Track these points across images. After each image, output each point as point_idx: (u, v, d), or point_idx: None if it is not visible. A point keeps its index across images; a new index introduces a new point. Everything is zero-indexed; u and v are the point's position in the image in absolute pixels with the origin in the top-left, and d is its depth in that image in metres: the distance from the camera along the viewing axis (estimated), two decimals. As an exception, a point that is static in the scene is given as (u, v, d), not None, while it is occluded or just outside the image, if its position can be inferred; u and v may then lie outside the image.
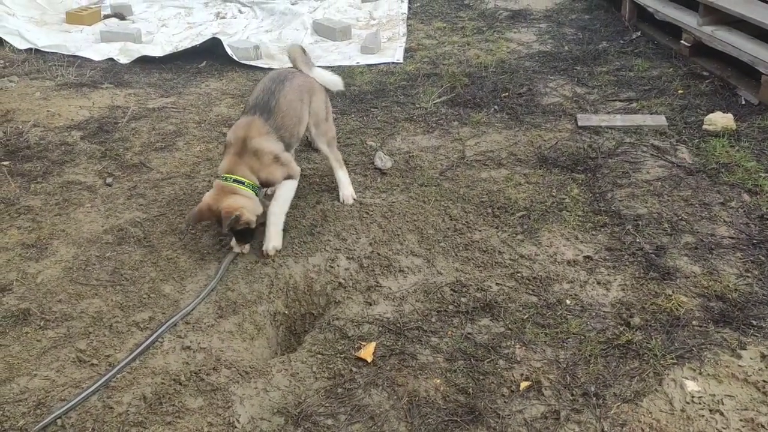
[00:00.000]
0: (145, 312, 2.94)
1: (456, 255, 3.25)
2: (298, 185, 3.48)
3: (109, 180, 4.03)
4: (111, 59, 6.20)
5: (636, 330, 2.67)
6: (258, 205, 3.26)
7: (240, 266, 3.24)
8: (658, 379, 2.43)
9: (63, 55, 6.23)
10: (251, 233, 3.27)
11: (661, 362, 2.50)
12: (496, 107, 4.78)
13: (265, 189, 3.39)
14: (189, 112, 5.04)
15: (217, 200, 3.15)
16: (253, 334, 2.93)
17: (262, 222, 3.31)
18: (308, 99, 3.55)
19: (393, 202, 3.69)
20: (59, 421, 2.39)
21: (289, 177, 3.38)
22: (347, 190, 3.71)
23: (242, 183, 3.21)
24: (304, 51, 3.78)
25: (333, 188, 3.76)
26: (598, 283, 2.97)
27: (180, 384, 2.55)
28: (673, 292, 2.86)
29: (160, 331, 2.78)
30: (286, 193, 3.40)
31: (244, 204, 3.16)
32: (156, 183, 4.01)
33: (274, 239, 3.30)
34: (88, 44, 6.55)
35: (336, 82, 3.81)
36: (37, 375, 2.60)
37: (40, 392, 2.52)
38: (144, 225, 3.58)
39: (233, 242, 3.30)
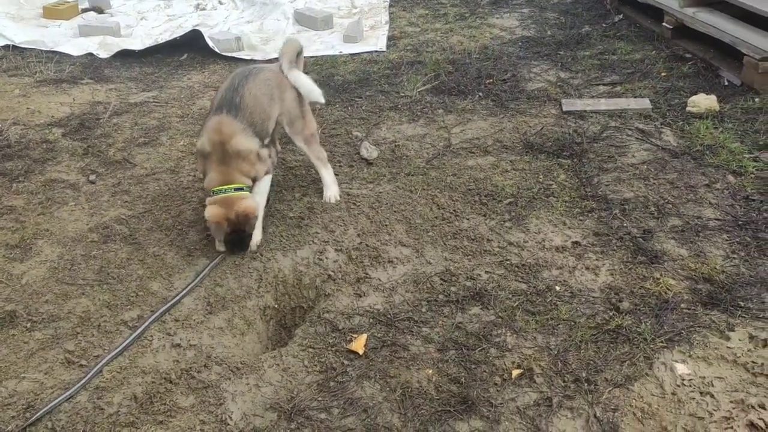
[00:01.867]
0: (134, 310, 2.91)
1: (444, 244, 3.25)
2: (286, 177, 3.45)
3: (92, 177, 3.97)
4: (90, 54, 6.10)
5: (625, 314, 2.69)
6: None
7: (228, 261, 3.22)
8: (648, 363, 2.45)
9: (41, 50, 6.13)
10: (249, 239, 3.21)
11: (651, 346, 2.52)
12: (480, 94, 4.77)
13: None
14: (171, 106, 4.99)
15: (230, 207, 3.07)
16: (244, 330, 2.92)
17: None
18: (278, 95, 3.43)
19: (380, 193, 3.68)
20: (49, 423, 2.37)
21: (267, 172, 3.35)
22: (331, 190, 3.65)
23: (241, 188, 3.16)
24: (300, 52, 3.65)
25: (319, 180, 3.73)
26: (587, 268, 2.98)
27: (171, 382, 2.53)
28: (661, 275, 2.88)
29: (131, 338, 2.74)
30: (264, 187, 3.38)
31: (255, 204, 3.18)
32: (140, 179, 3.96)
33: (256, 234, 3.28)
34: (66, 39, 6.44)
35: (314, 94, 3.53)
36: (26, 378, 2.57)
37: (29, 395, 2.49)
38: (129, 222, 3.54)
39: (218, 241, 3.26)
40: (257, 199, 3.29)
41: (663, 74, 4.84)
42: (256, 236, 3.28)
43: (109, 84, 5.42)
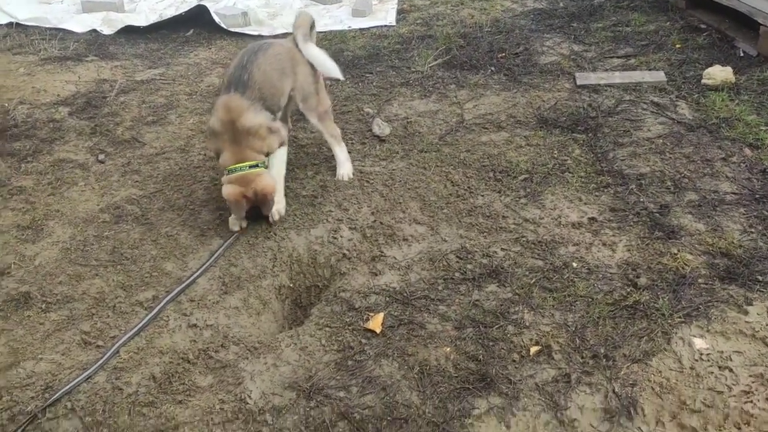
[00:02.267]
0: (148, 291, 2.91)
1: (460, 221, 3.22)
2: (298, 155, 3.42)
3: (101, 157, 3.95)
4: (94, 30, 6.04)
5: (643, 290, 2.67)
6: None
7: (242, 241, 3.20)
8: (666, 339, 2.43)
9: (45, 28, 6.07)
10: (272, 206, 3.22)
11: (669, 321, 2.50)
12: (492, 68, 4.69)
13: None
14: (179, 83, 4.93)
15: (248, 185, 3.07)
16: (259, 309, 2.91)
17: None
18: (290, 70, 3.38)
19: (393, 170, 3.64)
20: (69, 404, 2.38)
21: (281, 144, 3.32)
22: (344, 168, 3.61)
23: (256, 165, 3.14)
24: (313, 25, 3.57)
25: (332, 158, 3.69)
26: (604, 244, 2.95)
27: (189, 362, 2.54)
28: (678, 250, 2.85)
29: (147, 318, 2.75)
30: (281, 157, 3.34)
31: (272, 180, 3.17)
32: (150, 158, 3.93)
33: (278, 203, 3.26)
34: (69, 15, 6.37)
35: (332, 69, 3.50)
36: (43, 358, 2.57)
37: (47, 376, 2.49)
38: (141, 202, 3.52)
39: (233, 219, 3.24)
40: (275, 172, 3.27)
41: (678, 46, 4.75)
42: (279, 204, 3.28)
43: (114, 61, 5.36)
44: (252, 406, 2.35)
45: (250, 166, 3.14)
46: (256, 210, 3.19)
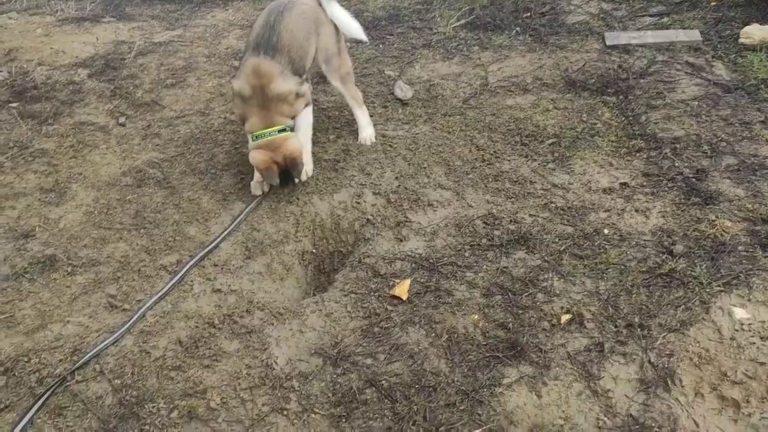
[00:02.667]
0: (172, 255, 2.88)
1: (486, 186, 3.14)
2: (319, 119, 3.35)
3: (121, 120, 3.90)
4: (110, -8, 5.92)
5: (679, 258, 2.59)
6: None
7: (264, 205, 3.16)
8: (704, 308, 2.36)
9: (60, -12, 5.96)
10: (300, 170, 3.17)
11: (707, 290, 2.42)
12: (518, 29, 4.54)
13: None
14: (197, 45, 4.84)
15: (277, 150, 3.03)
16: (283, 275, 2.88)
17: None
18: (315, 30, 3.29)
19: (416, 134, 3.56)
20: (97, 367, 2.38)
21: (307, 105, 3.25)
22: (366, 132, 3.53)
23: (284, 129, 3.08)
24: None
25: (354, 121, 3.61)
26: (637, 210, 2.86)
27: (214, 327, 2.52)
28: (716, 217, 2.76)
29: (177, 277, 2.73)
30: (307, 119, 3.28)
31: (299, 143, 3.12)
32: (170, 122, 3.88)
33: (307, 164, 3.23)
34: (84, -23, 6.24)
35: (356, 30, 3.43)
36: (70, 321, 2.57)
37: (75, 338, 2.49)
38: (162, 166, 3.48)
39: (255, 184, 3.19)
40: (302, 133, 3.22)
41: (713, 3, 4.55)
42: (308, 165, 3.25)
43: (132, 23, 5.27)
44: (278, 372, 2.33)
45: (279, 131, 3.08)
46: (284, 174, 3.14)
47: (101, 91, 4.22)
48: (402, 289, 2.62)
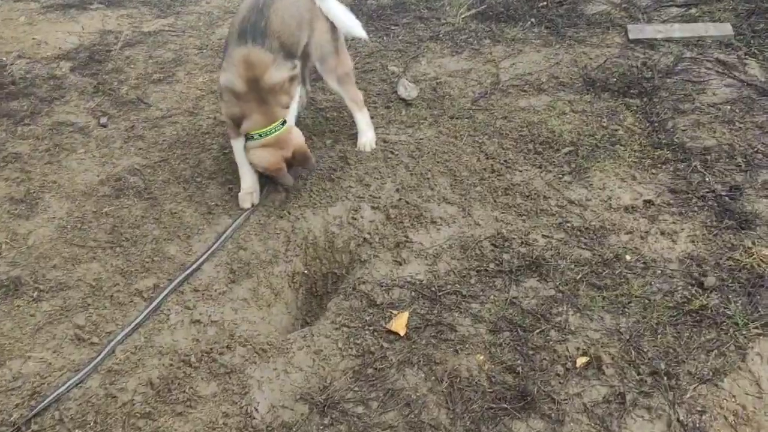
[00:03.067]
0: (149, 278, 2.63)
1: (495, 201, 2.86)
2: (316, 120, 3.10)
3: (103, 120, 3.63)
4: (101, -24, 5.61)
5: (711, 292, 2.30)
6: None
7: (252, 221, 2.89)
8: (740, 354, 2.08)
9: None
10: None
11: (744, 332, 2.14)
12: (532, 20, 4.20)
13: None
14: (189, 35, 4.55)
15: (285, 147, 2.82)
16: (270, 300, 2.62)
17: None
18: (308, 22, 2.97)
19: (420, 139, 3.26)
20: (57, 413, 2.14)
21: (297, 84, 3.01)
22: (366, 137, 3.24)
23: (284, 122, 2.85)
24: None
25: (353, 124, 3.32)
26: (663, 233, 2.57)
27: (190, 366, 2.27)
28: (753, 243, 2.46)
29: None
30: (295, 98, 3.04)
31: (299, 132, 2.93)
32: (155, 122, 3.60)
33: None
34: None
35: (354, 28, 3.10)
36: (32, 357, 2.33)
37: (35, 378, 2.25)
38: (144, 173, 3.22)
39: (243, 195, 2.93)
40: (291, 117, 2.99)
41: (745, -7, 4.19)
42: None
43: (121, 9, 4.97)
44: (259, 422, 2.08)
45: (281, 124, 2.84)
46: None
47: (83, 86, 3.94)
48: (399, 323, 2.36)
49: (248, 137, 2.84)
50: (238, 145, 2.94)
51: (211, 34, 4.54)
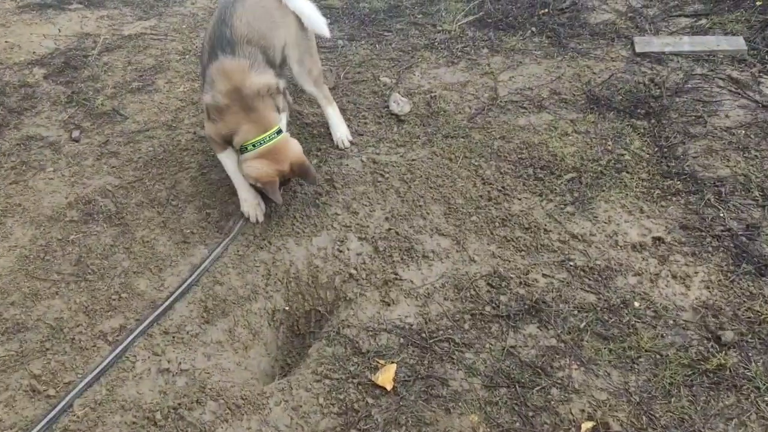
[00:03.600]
0: (115, 318, 2.42)
1: (492, 234, 2.65)
2: (301, 136, 2.93)
3: (75, 134, 3.40)
4: (81, -28, 5.34)
5: (729, 348, 2.11)
6: None
7: (229, 251, 2.68)
8: (763, 425, 1.89)
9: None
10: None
11: (766, 398, 1.95)
12: (533, 29, 3.98)
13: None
14: (171, 39, 4.30)
15: (282, 159, 2.60)
16: (248, 342, 2.42)
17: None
18: (281, 20, 2.79)
19: (413, 160, 3.05)
20: (6, 480, 1.94)
21: (282, 110, 2.81)
22: (341, 131, 3.16)
23: (279, 131, 2.63)
24: None
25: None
26: (674, 277, 2.37)
27: (155, 425, 2.06)
28: (772, 291, 2.27)
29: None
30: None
31: (296, 142, 2.71)
32: (131, 137, 3.37)
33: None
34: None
35: (318, 23, 2.91)
36: (-18, 411, 2.12)
37: (-16, 438, 2.05)
38: (116, 195, 2.99)
39: (252, 205, 2.78)
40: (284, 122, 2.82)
41: (759, 3, 3.97)
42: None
43: (101, 10, 4.71)
44: (228, 494, 1.89)
45: (276, 132, 2.63)
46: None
47: (56, 96, 3.71)
48: (386, 376, 2.16)
49: (242, 150, 2.62)
50: (225, 158, 2.76)
51: (195, 38, 4.30)
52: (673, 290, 2.32)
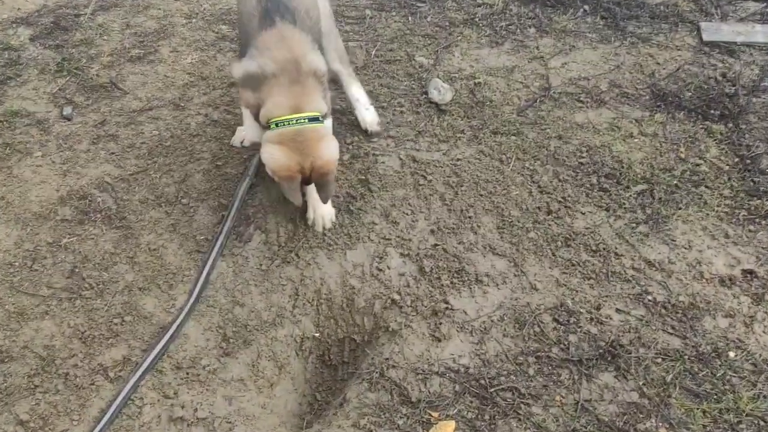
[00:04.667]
0: (118, 347, 2.06)
1: (554, 255, 2.30)
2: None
3: (67, 110, 2.96)
4: None
5: None
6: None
7: (251, 265, 2.31)
8: None
9: None
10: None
11: None
12: (585, 7, 3.54)
13: None
14: (175, -1, 3.82)
15: (306, 152, 2.13)
16: (273, 377, 2.08)
17: None
18: None
19: (458, 160, 2.67)
20: None
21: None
22: (370, 114, 2.77)
23: (317, 119, 2.17)
24: None
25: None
26: (773, 322, 2.05)
27: (169, 491, 1.73)
28: None
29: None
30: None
31: (337, 146, 2.22)
32: (132, 117, 2.95)
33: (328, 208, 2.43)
34: None
35: None
36: (-41, 465, 1.78)
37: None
38: (116, 189, 2.59)
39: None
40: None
41: (836, -10, 3.57)
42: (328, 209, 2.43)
43: (95, -39, 4.19)
44: None
45: (310, 119, 2.15)
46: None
47: (45, 62, 3.24)
48: (443, 436, 1.83)
49: (267, 128, 2.19)
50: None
51: (203, 0, 3.82)
52: (774, 339, 2.01)
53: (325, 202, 2.31)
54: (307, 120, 2.14)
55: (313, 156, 2.14)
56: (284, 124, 2.13)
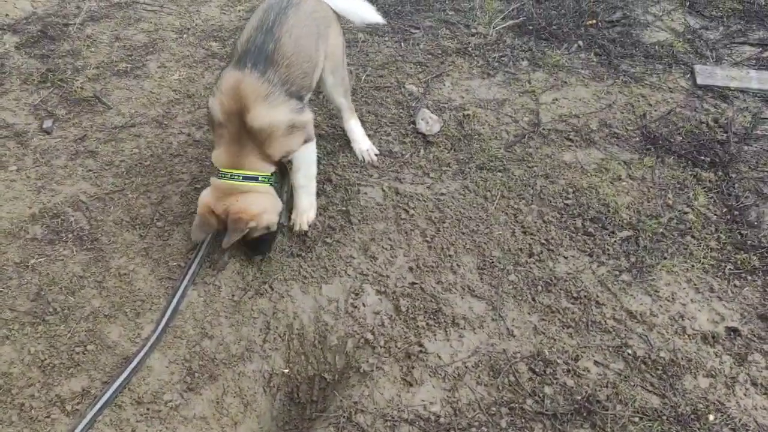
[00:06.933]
0: (78, 377, 1.98)
1: (534, 300, 2.25)
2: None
3: (47, 123, 2.90)
4: None
5: (823, 492, 1.75)
6: (278, 200, 2.33)
7: (223, 295, 2.25)
8: None
9: None
10: (272, 240, 2.35)
11: None
12: (579, 43, 3.52)
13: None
14: (168, 12, 3.77)
15: (223, 200, 2.20)
16: (238, 415, 2.01)
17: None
18: (325, 33, 2.46)
19: (442, 195, 2.62)
20: None
21: (307, 140, 2.34)
22: (365, 143, 2.78)
23: (255, 179, 2.22)
24: None
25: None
26: (755, 384, 2.00)
27: None
28: None
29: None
30: (308, 157, 2.42)
31: (263, 205, 2.24)
32: (113, 133, 2.89)
33: (308, 209, 2.47)
34: None
35: (368, 14, 2.67)
36: None
37: None
38: (90, 209, 2.53)
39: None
40: (301, 175, 2.40)
41: (831, 38, 3.56)
42: (310, 213, 2.47)
43: (90, -31, 4.14)
44: None
45: (244, 177, 2.20)
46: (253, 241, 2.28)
47: (29, 72, 3.19)
48: (408, 491, 1.76)
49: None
50: None
51: (195, 13, 3.77)
52: (755, 402, 1.95)
53: (225, 246, 2.24)
54: (240, 178, 2.21)
55: (228, 204, 2.20)
56: (224, 176, 2.22)
